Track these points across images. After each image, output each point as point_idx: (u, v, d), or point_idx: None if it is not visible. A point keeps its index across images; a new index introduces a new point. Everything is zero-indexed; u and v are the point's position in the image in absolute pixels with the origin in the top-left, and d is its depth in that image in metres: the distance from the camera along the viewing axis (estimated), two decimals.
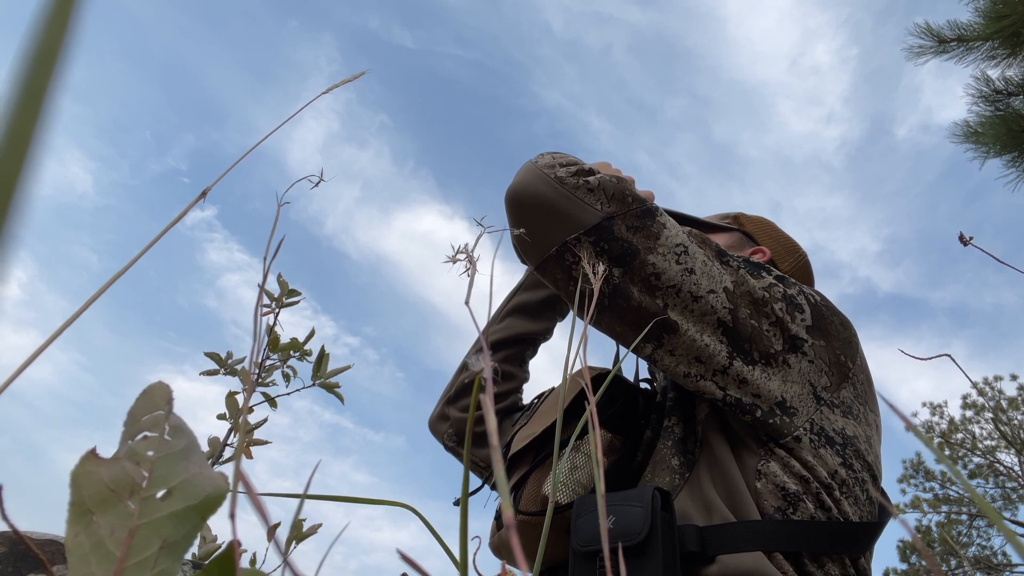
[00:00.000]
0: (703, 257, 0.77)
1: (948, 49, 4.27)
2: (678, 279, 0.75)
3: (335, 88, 0.37)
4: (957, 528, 10.75)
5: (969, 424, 11.03)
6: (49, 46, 0.09)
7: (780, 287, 0.80)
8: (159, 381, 0.26)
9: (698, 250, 0.77)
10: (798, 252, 1.12)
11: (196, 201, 0.33)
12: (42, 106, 0.09)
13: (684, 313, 0.74)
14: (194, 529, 0.24)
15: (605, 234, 0.75)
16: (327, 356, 1.33)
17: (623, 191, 0.78)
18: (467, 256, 0.36)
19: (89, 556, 0.23)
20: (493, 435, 0.21)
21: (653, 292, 0.74)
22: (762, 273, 0.81)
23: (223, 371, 1.29)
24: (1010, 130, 4.18)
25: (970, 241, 0.64)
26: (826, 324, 0.80)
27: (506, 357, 1.14)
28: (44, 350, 0.24)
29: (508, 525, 0.18)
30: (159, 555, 0.23)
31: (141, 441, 0.25)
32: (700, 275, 0.76)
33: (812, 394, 0.76)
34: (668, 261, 0.75)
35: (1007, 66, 4.21)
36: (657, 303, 0.74)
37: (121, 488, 0.24)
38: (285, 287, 1.34)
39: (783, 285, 0.81)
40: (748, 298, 0.76)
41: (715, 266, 0.77)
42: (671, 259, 0.75)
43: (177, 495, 0.24)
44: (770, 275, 0.81)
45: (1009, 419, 10.27)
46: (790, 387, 0.75)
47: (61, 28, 0.10)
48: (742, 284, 0.77)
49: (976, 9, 4.07)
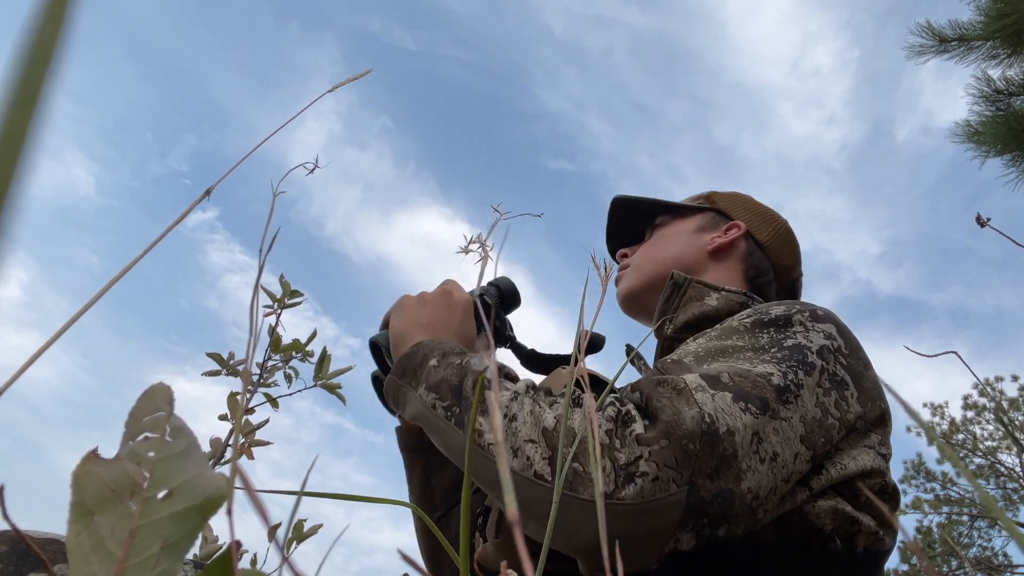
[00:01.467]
0: (773, 432, 0.64)
1: (949, 49, 4.27)
2: (770, 479, 0.64)
3: (339, 87, 0.37)
4: (958, 529, 10.74)
5: (970, 425, 11.02)
6: (44, 45, 0.09)
7: (826, 374, 0.71)
8: (160, 382, 0.26)
9: (767, 426, 0.64)
10: (776, 220, 1.10)
11: (199, 200, 0.33)
12: (37, 105, 0.09)
13: (780, 490, 0.66)
14: (195, 529, 0.24)
15: (696, 510, 0.60)
16: (329, 357, 1.33)
17: (677, 440, 0.60)
18: (480, 245, 0.36)
19: (90, 556, 0.23)
20: (498, 431, 0.21)
21: (755, 513, 0.64)
22: (810, 370, 0.70)
23: (225, 372, 1.29)
24: (1011, 130, 4.18)
25: (987, 222, 0.64)
26: (862, 381, 0.74)
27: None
28: (45, 351, 0.24)
29: (513, 522, 0.18)
30: (160, 555, 0.23)
31: (142, 442, 0.25)
32: (783, 452, 0.65)
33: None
34: (757, 472, 0.62)
35: (1008, 66, 4.21)
36: (758, 516, 0.65)
37: (122, 488, 0.24)
38: (287, 288, 1.34)
39: (825, 364, 0.72)
40: (816, 424, 0.68)
41: (785, 426, 0.65)
42: (758, 467, 0.63)
43: (178, 496, 0.24)
44: (813, 353, 0.71)
45: (1010, 420, 10.26)
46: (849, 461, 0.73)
47: (56, 26, 0.10)
48: (808, 418, 0.67)
49: (978, 8, 4.07)
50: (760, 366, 0.68)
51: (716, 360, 0.71)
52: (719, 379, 0.65)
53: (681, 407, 0.62)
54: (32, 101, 0.09)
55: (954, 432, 11.04)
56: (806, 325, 0.75)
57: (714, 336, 0.76)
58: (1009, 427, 10.10)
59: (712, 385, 0.64)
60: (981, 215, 0.62)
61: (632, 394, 0.67)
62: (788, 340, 0.72)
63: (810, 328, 0.75)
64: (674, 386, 0.65)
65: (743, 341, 0.73)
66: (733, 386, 0.65)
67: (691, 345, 0.76)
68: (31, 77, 0.09)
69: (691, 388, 0.64)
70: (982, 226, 0.61)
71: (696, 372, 0.67)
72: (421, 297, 0.92)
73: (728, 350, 0.72)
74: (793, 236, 1.11)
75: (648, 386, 0.66)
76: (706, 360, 0.71)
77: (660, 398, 0.64)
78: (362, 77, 0.38)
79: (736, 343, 0.73)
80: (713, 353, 0.72)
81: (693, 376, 0.66)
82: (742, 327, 0.76)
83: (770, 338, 0.73)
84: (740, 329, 0.75)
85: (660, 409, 0.62)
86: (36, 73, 0.09)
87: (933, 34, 4.28)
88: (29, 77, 0.09)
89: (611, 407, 0.65)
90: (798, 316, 0.76)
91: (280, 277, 1.35)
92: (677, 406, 0.62)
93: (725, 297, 0.93)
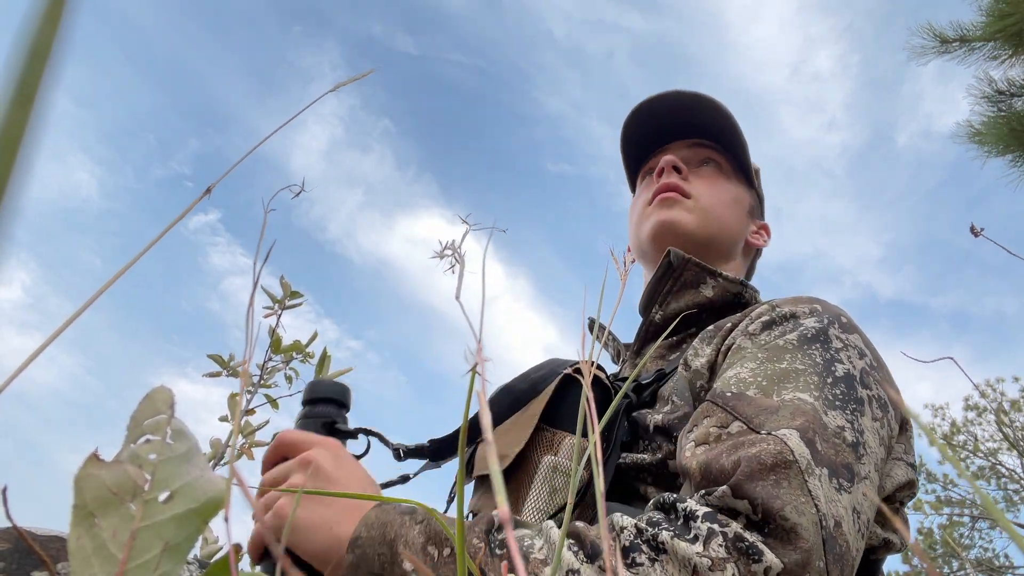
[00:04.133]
0: (863, 498, 0.60)
1: (950, 49, 4.27)
2: (862, 543, 0.59)
3: (342, 86, 0.37)
4: (959, 530, 10.73)
5: (971, 426, 11.01)
6: (41, 44, 0.09)
7: (875, 403, 0.68)
8: (161, 385, 0.26)
9: (858, 495, 0.59)
10: None
11: (201, 198, 0.33)
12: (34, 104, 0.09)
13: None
14: (196, 532, 0.24)
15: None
16: (329, 358, 1.33)
17: (813, 565, 0.51)
18: (453, 252, 0.36)
19: (91, 558, 0.23)
20: (488, 431, 0.21)
21: None
22: (863, 406, 0.66)
23: (226, 373, 1.29)
24: (1012, 130, 4.18)
25: (981, 232, 0.64)
26: (897, 401, 0.71)
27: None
28: (44, 349, 0.24)
29: (504, 520, 0.18)
30: (161, 557, 0.23)
31: (143, 444, 0.25)
32: (870, 512, 0.61)
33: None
34: (859, 547, 0.58)
35: (1010, 66, 4.21)
36: None
37: (123, 491, 0.24)
38: (287, 289, 1.34)
39: (870, 393, 0.68)
40: (882, 464, 0.66)
41: (867, 483, 0.61)
42: (859, 542, 0.58)
43: (179, 498, 0.24)
44: (859, 383, 0.68)
45: (1011, 421, 10.25)
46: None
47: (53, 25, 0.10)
48: (877, 461, 0.64)
49: (980, 8, 4.07)
50: (831, 417, 0.62)
51: (784, 388, 0.64)
52: (815, 445, 0.57)
53: (801, 509, 0.52)
54: (30, 100, 0.09)
55: (955, 433, 11.03)
56: (842, 340, 0.71)
57: (762, 358, 0.69)
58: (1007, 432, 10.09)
59: (816, 460, 0.56)
60: (975, 226, 0.62)
61: (738, 500, 0.53)
62: (837, 367, 0.68)
63: (846, 343, 0.71)
64: (784, 466, 0.54)
65: (800, 362, 0.67)
66: (825, 458, 0.57)
67: (738, 370, 0.69)
68: (29, 76, 0.09)
69: (802, 468, 0.55)
70: (976, 236, 0.61)
71: (789, 426, 0.59)
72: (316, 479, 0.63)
73: (791, 375, 0.66)
74: None
75: (757, 480, 0.54)
76: (773, 390, 0.64)
77: (781, 502, 0.52)
78: (364, 77, 0.38)
79: (795, 366, 0.67)
80: (776, 380, 0.65)
81: (794, 438, 0.57)
82: (789, 345, 0.70)
83: (822, 359, 0.68)
84: (788, 348, 0.70)
85: (785, 522, 0.51)
86: (34, 72, 0.09)
87: (934, 35, 4.28)
88: (27, 76, 0.09)
89: (712, 525, 0.51)
90: (833, 331, 0.72)
91: (280, 278, 1.35)
92: (800, 509, 0.52)
93: (721, 286, 0.89)
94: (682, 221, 0.93)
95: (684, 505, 0.54)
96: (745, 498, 0.53)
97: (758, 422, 0.60)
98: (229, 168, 0.33)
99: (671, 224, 0.93)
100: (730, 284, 0.90)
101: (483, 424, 0.21)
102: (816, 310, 0.76)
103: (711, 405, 0.65)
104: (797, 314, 0.75)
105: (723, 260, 0.97)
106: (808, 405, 0.62)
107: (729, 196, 0.98)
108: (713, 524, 0.52)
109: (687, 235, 0.93)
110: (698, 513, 0.53)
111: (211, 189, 0.34)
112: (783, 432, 0.57)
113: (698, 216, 0.94)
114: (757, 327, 0.75)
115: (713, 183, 0.97)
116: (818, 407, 0.62)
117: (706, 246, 0.94)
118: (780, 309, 0.77)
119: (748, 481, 0.54)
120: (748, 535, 0.51)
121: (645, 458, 0.74)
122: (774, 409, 0.61)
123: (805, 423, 0.59)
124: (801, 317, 0.75)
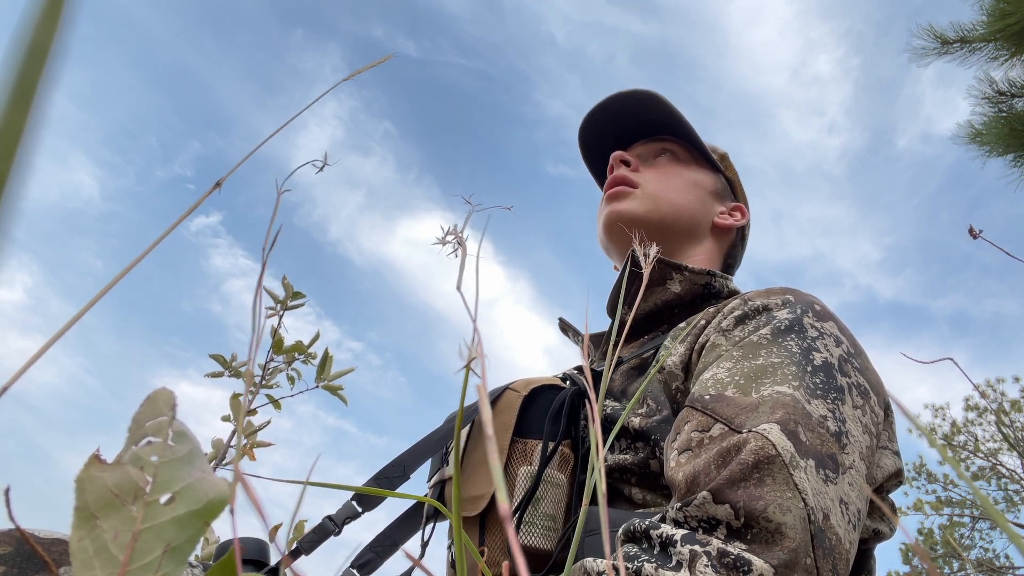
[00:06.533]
0: (850, 487, 0.59)
1: (951, 50, 4.27)
2: (855, 535, 0.59)
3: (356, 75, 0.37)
4: (960, 531, 10.72)
5: (971, 426, 11.00)
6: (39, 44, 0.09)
7: (855, 390, 0.67)
8: (163, 387, 0.26)
9: (844, 485, 0.59)
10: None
11: (210, 192, 0.33)
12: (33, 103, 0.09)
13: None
14: (197, 533, 0.24)
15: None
16: (331, 358, 1.33)
17: (800, 563, 0.51)
18: (456, 238, 0.35)
19: (93, 560, 0.23)
20: (488, 425, 0.21)
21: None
22: (843, 394, 0.65)
23: (227, 373, 1.29)
24: (1013, 131, 4.18)
25: (979, 234, 0.64)
26: (872, 377, 0.71)
27: None
28: (45, 351, 0.24)
29: (504, 517, 0.17)
30: (162, 559, 0.23)
31: (145, 446, 0.25)
32: (860, 503, 0.61)
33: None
34: (852, 539, 0.58)
35: (1010, 67, 4.20)
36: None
37: (125, 492, 0.24)
38: (289, 289, 1.35)
39: (849, 380, 0.68)
40: (869, 453, 0.65)
41: (853, 473, 0.61)
42: (852, 534, 0.58)
43: (180, 500, 0.24)
44: (837, 371, 0.67)
45: (1011, 421, 10.24)
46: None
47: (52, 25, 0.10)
48: (863, 450, 0.64)
49: (981, 8, 4.07)
50: (814, 406, 0.62)
51: (763, 384, 0.64)
52: (798, 436, 0.57)
53: (786, 506, 0.52)
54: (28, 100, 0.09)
55: (955, 434, 11.02)
56: (817, 328, 0.71)
57: (738, 356, 0.69)
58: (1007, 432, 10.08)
59: (800, 452, 0.56)
60: (973, 227, 0.62)
61: (719, 506, 0.53)
62: (815, 356, 0.67)
63: (821, 331, 0.71)
64: (767, 462, 0.54)
65: (776, 356, 0.67)
66: (811, 448, 0.57)
67: (715, 371, 0.69)
68: (27, 75, 0.09)
69: (786, 461, 0.55)
70: (974, 238, 0.61)
71: (769, 420, 0.58)
72: None
73: (767, 370, 0.65)
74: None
75: (739, 481, 0.54)
76: (752, 388, 0.64)
77: (764, 503, 0.52)
78: (382, 63, 0.38)
79: (772, 360, 0.67)
80: (754, 377, 0.65)
81: (775, 431, 0.57)
82: (763, 340, 0.69)
83: (799, 349, 0.68)
84: (763, 343, 0.69)
85: (769, 523, 0.51)
86: (32, 71, 0.09)
87: (935, 36, 4.28)
88: (25, 75, 0.09)
89: (694, 547, 0.51)
90: (807, 320, 0.72)
91: (283, 279, 1.35)
92: (784, 506, 0.52)
93: (688, 279, 0.88)
94: (629, 209, 0.94)
95: (659, 532, 0.54)
96: (726, 503, 0.53)
97: (739, 422, 0.59)
98: (236, 165, 0.33)
99: (619, 214, 0.95)
100: (696, 276, 0.88)
101: (483, 418, 0.21)
102: (788, 300, 0.75)
103: (691, 410, 0.65)
104: (769, 306, 0.75)
105: (688, 243, 0.96)
106: (788, 396, 0.61)
107: (683, 180, 0.98)
108: (694, 546, 0.51)
109: (636, 221, 0.94)
110: (675, 537, 0.53)
111: (220, 183, 0.34)
112: (763, 427, 0.57)
113: (646, 202, 0.95)
114: (730, 323, 0.74)
115: (665, 171, 0.99)
116: (799, 397, 0.62)
117: (661, 230, 0.94)
118: (752, 302, 0.76)
119: (728, 485, 0.54)
120: (731, 548, 0.51)
121: (627, 458, 0.74)
122: (754, 406, 0.61)
123: (786, 415, 0.59)
124: (774, 309, 0.74)
